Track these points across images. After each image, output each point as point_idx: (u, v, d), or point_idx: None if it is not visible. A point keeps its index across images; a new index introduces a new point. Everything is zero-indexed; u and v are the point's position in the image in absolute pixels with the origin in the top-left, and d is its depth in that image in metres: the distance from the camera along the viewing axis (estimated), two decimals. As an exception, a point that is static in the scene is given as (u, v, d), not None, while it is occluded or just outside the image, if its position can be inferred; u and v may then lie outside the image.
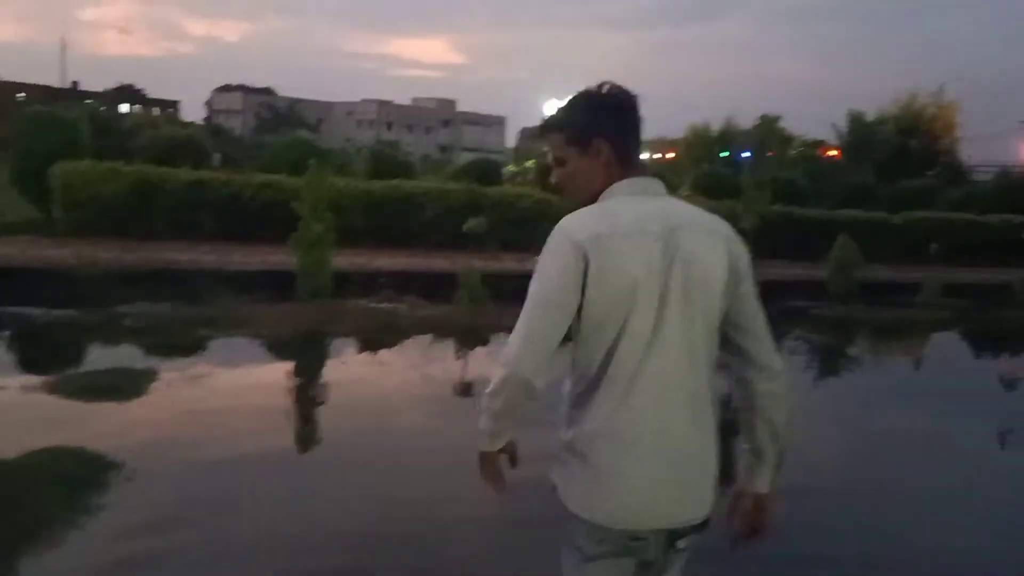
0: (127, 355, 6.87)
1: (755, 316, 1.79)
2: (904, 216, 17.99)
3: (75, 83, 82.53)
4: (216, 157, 18.30)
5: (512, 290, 9.35)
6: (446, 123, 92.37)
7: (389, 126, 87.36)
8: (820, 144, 43.60)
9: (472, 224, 10.99)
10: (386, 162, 15.22)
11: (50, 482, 4.02)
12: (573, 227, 1.68)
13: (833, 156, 41.38)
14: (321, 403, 6.10)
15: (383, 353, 7.95)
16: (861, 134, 35.59)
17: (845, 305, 10.71)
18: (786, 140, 46.76)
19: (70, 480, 4.06)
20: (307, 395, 6.31)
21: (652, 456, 1.69)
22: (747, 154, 46.58)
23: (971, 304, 12.25)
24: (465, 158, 32.04)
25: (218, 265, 10.43)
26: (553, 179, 1.90)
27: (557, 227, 1.70)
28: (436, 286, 9.90)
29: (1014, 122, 44.16)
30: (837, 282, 11.07)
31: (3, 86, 28.09)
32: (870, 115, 35.88)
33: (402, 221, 12.54)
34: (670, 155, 61.89)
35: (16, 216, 12.27)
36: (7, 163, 13.20)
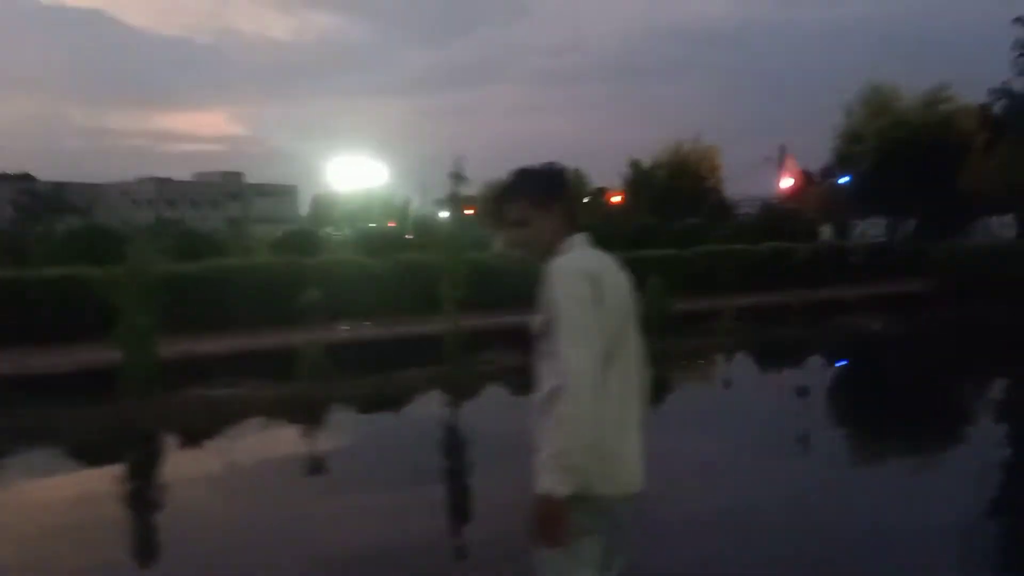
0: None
1: None
2: (692, 251, 19.74)
3: None
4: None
5: (354, 360, 9.38)
6: (234, 196, 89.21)
7: (171, 203, 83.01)
8: (605, 191, 46.89)
9: (308, 297, 10.81)
10: (191, 241, 14.56)
11: None
12: (579, 264, 2.15)
13: (617, 201, 44.63)
14: (153, 508, 5.73)
15: (220, 442, 7.56)
16: (639, 179, 38.76)
17: (662, 339, 11.60)
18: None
19: None
20: (138, 500, 5.92)
21: (635, 439, 2.21)
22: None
23: (761, 325, 13.69)
24: (265, 230, 31.21)
25: (16, 370, 9.44)
26: (511, 239, 2.31)
27: (563, 266, 2.13)
28: (271, 365, 9.60)
29: (759, 159, 50.11)
30: (653, 318, 12.00)
31: None
32: (646, 162, 39.21)
33: (219, 301, 12.02)
34: (469, 211, 63.76)
35: None
36: None
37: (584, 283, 2.08)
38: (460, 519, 5.25)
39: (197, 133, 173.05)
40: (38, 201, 60.89)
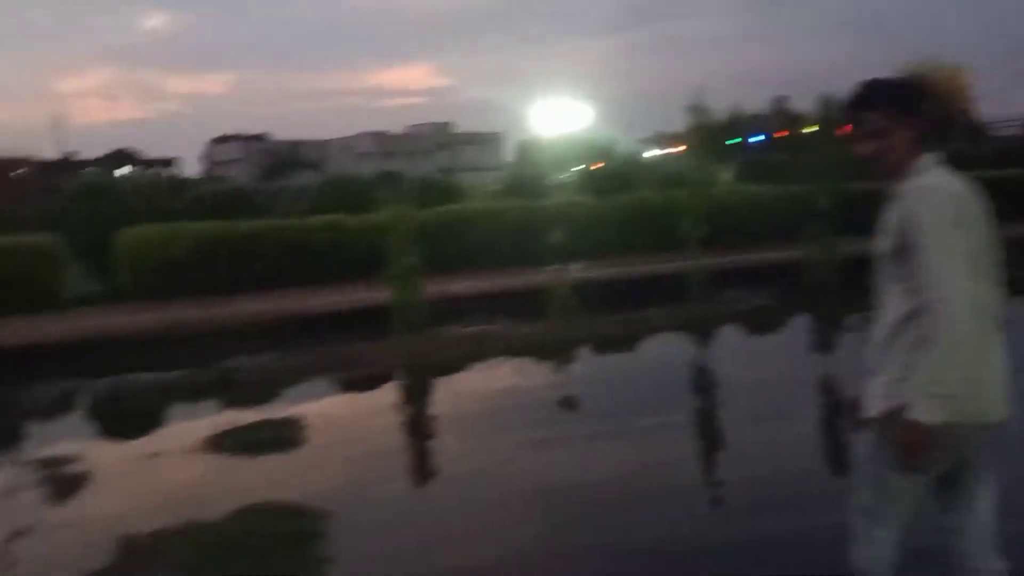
0: (257, 407, 6.87)
1: None
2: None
3: (72, 153, 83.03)
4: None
5: (598, 299, 9.41)
6: (443, 146, 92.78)
7: (387, 155, 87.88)
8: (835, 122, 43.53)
9: (553, 238, 11.05)
10: (435, 189, 15.34)
11: (270, 541, 4.02)
12: (944, 185, 2.10)
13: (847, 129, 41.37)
14: (429, 432, 6.27)
15: (485, 374, 7.97)
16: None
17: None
18: (795, 120, 47.00)
19: (289, 537, 4.06)
20: (416, 425, 6.45)
21: (999, 365, 2.13)
22: (759, 138, 46.38)
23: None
24: (473, 177, 32.08)
25: (303, 310, 10.45)
26: (862, 151, 2.21)
27: (927, 186, 2.09)
28: (521, 304, 9.94)
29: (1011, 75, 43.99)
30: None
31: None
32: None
33: (464, 244, 12.57)
34: (679, 148, 62.17)
35: (79, 288, 12.33)
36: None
37: (950, 205, 2.04)
38: (712, 461, 5.16)
39: (406, 87, 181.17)
40: (276, 158, 66.89)
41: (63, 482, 5.17)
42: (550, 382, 7.57)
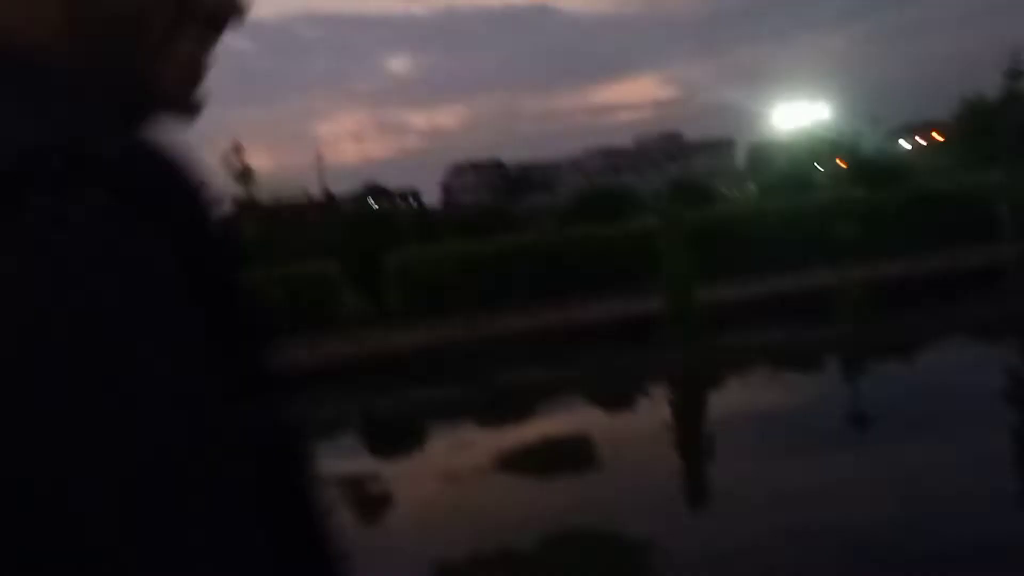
0: (536, 423, 6.62)
1: None
2: None
3: (329, 193, 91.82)
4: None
5: (893, 298, 8.00)
6: (671, 156, 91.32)
7: (616, 171, 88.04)
8: None
9: (844, 232, 10.00)
10: (693, 193, 14.85)
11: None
12: None
13: None
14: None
15: (766, 386, 7.15)
16: None
17: None
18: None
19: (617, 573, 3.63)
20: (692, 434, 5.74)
21: None
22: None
23: None
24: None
25: (568, 323, 10.23)
26: None
27: None
28: (800, 309, 9.01)
29: None
30: None
31: (278, 207, 31.58)
32: None
33: (727, 248, 11.82)
34: (937, 137, 56.23)
35: (354, 308, 13.10)
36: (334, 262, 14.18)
37: None
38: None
39: (631, 102, 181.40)
40: (509, 182, 69.45)
41: (366, 503, 5.16)
42: (852, 396, 6.62)
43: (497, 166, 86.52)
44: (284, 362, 0.43)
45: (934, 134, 58.27)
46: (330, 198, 55.82)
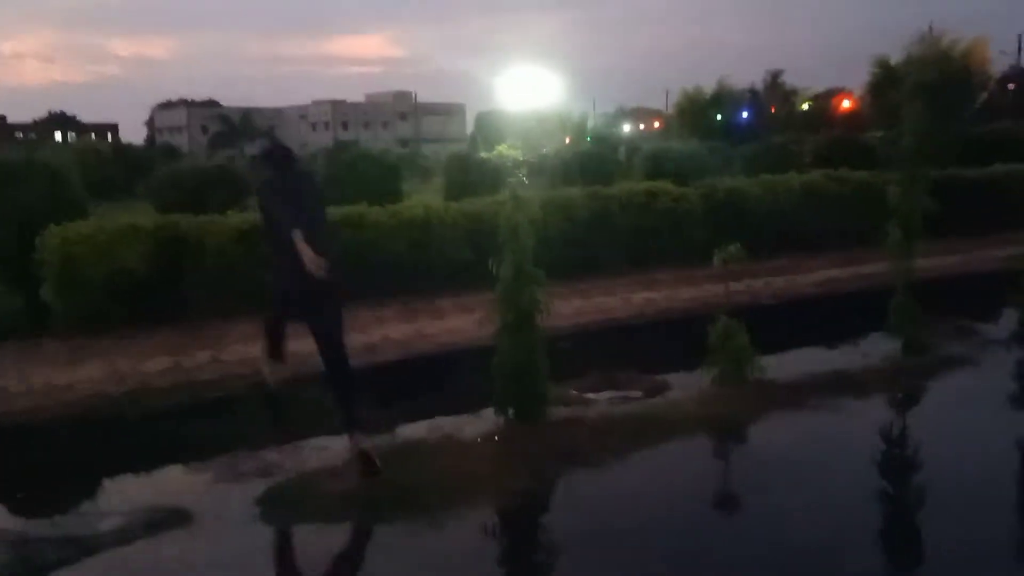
0: None
1: None
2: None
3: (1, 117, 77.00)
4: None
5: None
6: (403, 116, 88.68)
7: (345, 125, 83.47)
8: (836, 93, 41.07)
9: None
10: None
11: None
12: None
13: (847, 107, 39.00)
14: None
15: None
16: (886, 80, 32.82)
17: None
18: (789, 94, 44.36)
19: None
20: None
21: None
22: (746, 114, 43.71)
23: None
24: (435, 150, 28.91)
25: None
26: None
27: None
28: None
29: None
30: None
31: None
32: (895, 60, 33.07)
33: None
34: (656, 124, 59.33)
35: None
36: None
37: None
38: None
39: (362, 56, 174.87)
40: (227, 125, 62.08)
41: None
42: None
43: (213, 106, 77.74)
44: None
45: (655, 122, 61.89)
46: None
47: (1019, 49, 40.28)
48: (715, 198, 12.05)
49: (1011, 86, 31.49)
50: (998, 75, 31.29)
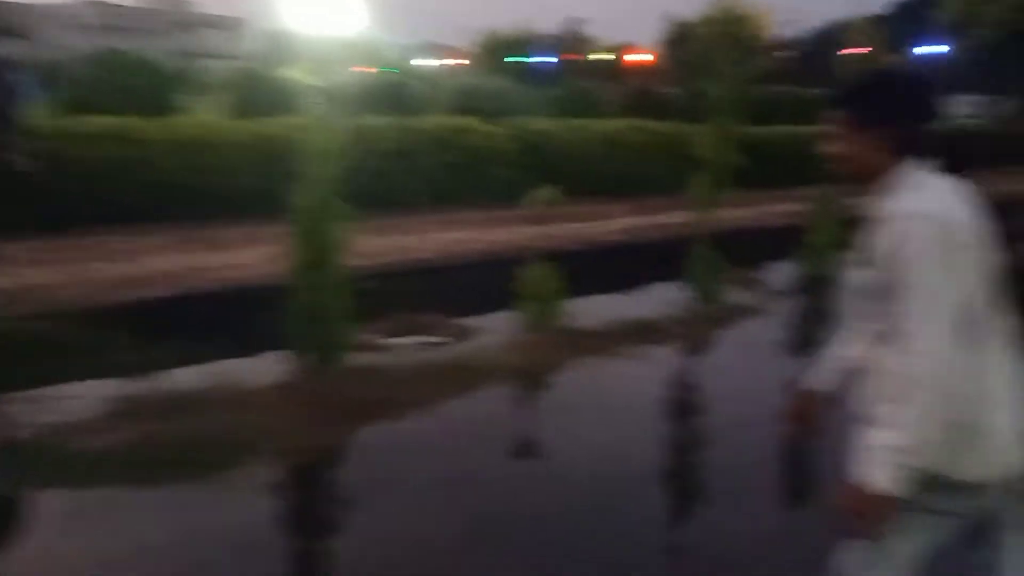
0: None
1: None
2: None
3: None
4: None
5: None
6: (181, 27, 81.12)
7: (113, 30, 74.94)
8: (625, 48, 42.27)
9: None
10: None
11: None
12: (929, 210, 1.72)
13: (641, 61, 40.35)
14: None
15: None
16: (679, 38, 34.31)
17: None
18: (589, 43, 45.19)
19: None
20: None
21: (1007, 413, 1.80)
22: (550, 60, 44.22)
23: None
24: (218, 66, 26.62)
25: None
26: (826, 149, 1.91)
27: (908, 213, 1.72)
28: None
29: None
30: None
31: None
32: (690, 20, 34.53)
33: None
34: (460, 61, 58.61)
35: None
36: None
37: (937, 236, 1.69)
38: None
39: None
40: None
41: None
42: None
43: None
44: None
45: (459, 59, 61.09)
46: None
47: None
48: (525, 139, 11.87)
49: (791, 53, 34.15)
50: (783, 41, 33.70)
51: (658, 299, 7.18)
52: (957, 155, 1.88)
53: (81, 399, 4.59)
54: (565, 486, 3.80)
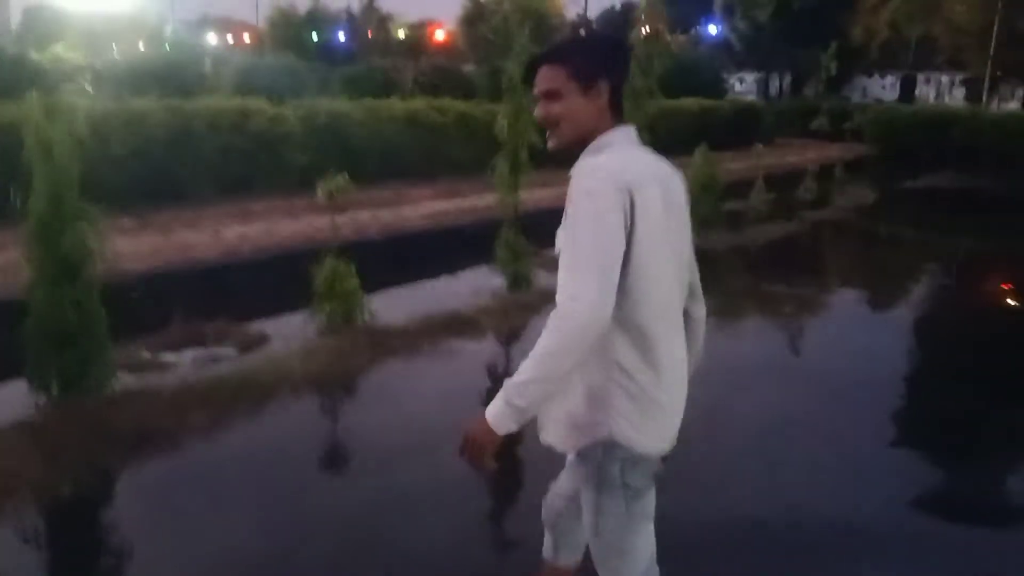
0: None
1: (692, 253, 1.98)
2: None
3: None
4: None
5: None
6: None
7: None
8: (427, 24, 41.58)
9: None
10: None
11: None
12: (613, 169, 1.72)
13: (441, 40, 39.90)
14: None
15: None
16: (475, 16, 34.14)
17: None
18: (385, 20, 44.00)
19: None
20: None
21: (676, 383, 1.88)
22: (342, 36, 42.90)
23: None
24: None
25: None
26: (539, 113, 1.88)
27: (591, 170, 1.74)
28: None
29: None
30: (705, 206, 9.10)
31: None
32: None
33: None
34: (246, 38, 55.44)
35: None
36: None
37: (615, 196, 1.68)
38: None
39: None
40: None
41: None
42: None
43: None
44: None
45: (245, 35, 57.63)
46: None
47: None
48: (315, 121, 11.15)
49: (580, 30, 35.22)
50: (574, 20, 34.57)
51: (467, 288, 6.90)
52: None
53: None
54: (367, 505, 3.40)
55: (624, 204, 1.66)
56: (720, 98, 20.58)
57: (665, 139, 7.52)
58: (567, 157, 1.89)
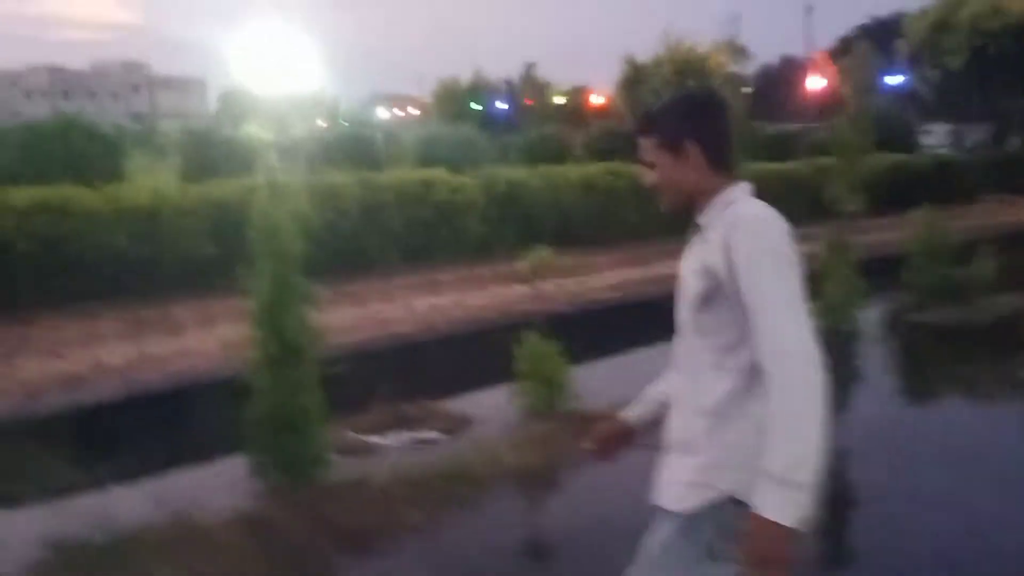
0: None
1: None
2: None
3: None
4: None
5: None
6: (135, 88, 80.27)
7: (65, 95, 73.64)
8: (584, 91, 42.29)
9: None
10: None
11: None
12: (771, 215, 1.66)
13: (599, 104, 40.35)
14: None
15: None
16: (635, 79, 34.19)
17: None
18: (543, 87, 45.11)
19: None
20: None
21: None
22: (503, 105, 44.13)
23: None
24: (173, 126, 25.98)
25: None
26: (647, 181, 1.88)
27: (759, 215, 1.65)
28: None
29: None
30: (925, 274, 8.16)
31: None
32: (644, 60, 34.47)
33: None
34: (412, 110, 58.36)
35: None
36: None
37: (789, 241, 1.62)
38: None
39: (83, 19, 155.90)
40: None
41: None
42: None
43: None
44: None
45: (411, 108, 60.84)
46: None
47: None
48: (495, 190, 11.15)
49: (746, 89, 34.19)
50: (740, 76, 33.74)
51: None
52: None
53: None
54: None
55: (789, 246, 1.63)
56: (910, 152, 19.12)
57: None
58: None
